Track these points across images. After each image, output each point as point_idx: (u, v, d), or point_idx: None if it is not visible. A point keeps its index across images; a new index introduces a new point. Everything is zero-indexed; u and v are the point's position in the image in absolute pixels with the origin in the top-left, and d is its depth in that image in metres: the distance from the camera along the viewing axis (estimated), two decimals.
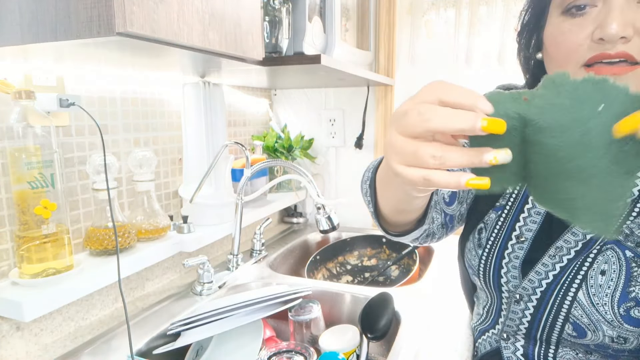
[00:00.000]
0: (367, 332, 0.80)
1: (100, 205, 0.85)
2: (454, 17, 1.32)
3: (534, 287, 0.60)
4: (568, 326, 0.57)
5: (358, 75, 1.08)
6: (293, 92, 1.55)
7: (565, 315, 0.57)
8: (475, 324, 0.74)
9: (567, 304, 0.57)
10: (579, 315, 0.56)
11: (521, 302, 0.62)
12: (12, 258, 0.74)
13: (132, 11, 0.51)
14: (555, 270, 0.59)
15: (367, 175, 0.63)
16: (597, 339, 0.55)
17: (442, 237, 0.73)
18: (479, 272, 0.67)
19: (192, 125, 1.04)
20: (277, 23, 0.86)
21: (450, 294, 0.95)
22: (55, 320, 0.79)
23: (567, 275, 0.58)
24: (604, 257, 0.55)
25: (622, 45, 0.46)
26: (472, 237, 0.69)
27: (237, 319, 0.75)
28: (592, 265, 0.56)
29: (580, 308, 0.55)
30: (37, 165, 0.68)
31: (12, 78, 0.72)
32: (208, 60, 0.77)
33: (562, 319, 0.57)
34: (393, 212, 0.58)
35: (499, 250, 0.64)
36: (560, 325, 0.58)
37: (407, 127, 0.34)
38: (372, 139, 1.47)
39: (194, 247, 0.98)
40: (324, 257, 1.28)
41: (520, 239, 0.63)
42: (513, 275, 0.62)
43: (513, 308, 0.63)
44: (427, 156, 0.33)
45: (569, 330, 0.57)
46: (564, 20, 0.50)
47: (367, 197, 0.63)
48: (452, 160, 0.33)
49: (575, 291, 0.56)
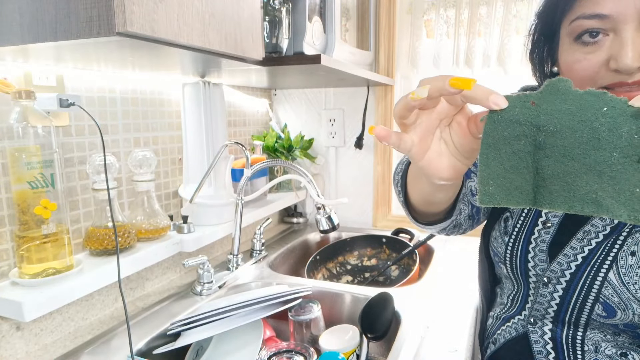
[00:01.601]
0: (367, 332, 0.80)
1: (100, 205, 0.85)
2: (454, 17, 1.32)
3: (563, 269, 0.62)
4: (598, 306, 0.58)
5: (358, 75, 1.08)
6: (293, 92, 1.55)
7: (595, 295, 0.58)
8: (499, 313, 0.74)
9: (597, 284, 0.58)
10: (609, 294, 0.57)
11: (549, 285, 0.63)
12: (12, 258, 0.74)
13: (132, 11, 0.51)
14: (584, 252, 0.60)
15: (400, 168, 0.67)
16: (626, 318, 0.57)
17: (467, 230, 0.76)
18: (505, 259, 0.68)
19: (192, 125, 1.04)
20: (277, 23, 0.86)
21: (451, 293, 0.95)
22: (55, 320, 0.79)
23: (597, 257, 0.59)
24: (634, 239, 0.57)
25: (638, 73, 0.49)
26: (498, 225, 0.71)
27: (237, 319, 0.75)
28: (622, 247, 0.58)
29: (611, 288, 0.57)
30: (37, 165, 0.68)
31: (12, 78, 0.72)
32: (208, 60, 0.77)
33: (592, 299, 0.59)
34: (422, 204, 0.62)
35: (525, 235, 0.66)
36: (590, 306, 0.59)
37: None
38: (372, 139, 1.47)
39: (194, 247, 0.98)
40: (324, 257, 1.28)
41: (547, 225, 0.65)
42: (540, 259, 0.64)
43: (541, 291, 0.64)
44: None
45: (599, 310, 0.58)
46: (577, 49, 0.53)
47: (398, 187, 0.67)
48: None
49: (605, 272, 0.58)
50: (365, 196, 1.52)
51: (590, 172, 0.35)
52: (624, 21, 0.48)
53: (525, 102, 0.36)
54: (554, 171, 0.36)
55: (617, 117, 0.34)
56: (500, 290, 0.75)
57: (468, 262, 1.03)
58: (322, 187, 1.56)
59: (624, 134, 0.34)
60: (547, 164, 0.36)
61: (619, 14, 0.48)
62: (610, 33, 0.50)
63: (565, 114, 0.35)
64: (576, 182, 0.35)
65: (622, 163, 0.34)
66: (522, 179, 0.37)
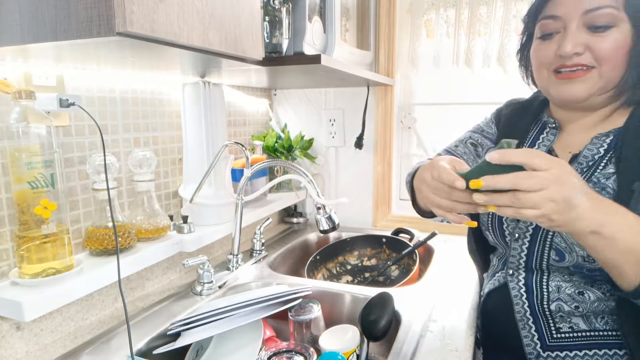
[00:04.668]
0: (367, 332, 0.80)
1: (100, 205, 0.85)
2: (454, 17, 1.32)
3: (527, 225, 0.77)
4: (552, 252, 0.74)
5: (358, 75, 1.08)
6: (293, 92, 1.55)
7: (550, 243, 0.74)
8: (489, 273, 0.89)
9: (550, 235, 0.74)
10: (558, 241, 0.73)
11: (519, 240, 0.78)
12: (12, 258, 0.74)
13: (132, 11, 0.51)
14: None
15: (408, 179, 0.87)
16: (573, 260, 0.72)
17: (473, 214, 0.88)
18: (488, 225, 0.85)
19: (192, 125, 1.04)
20: (277, 23, 0.86)
21: (451, 293, 0.95)
22: (55, 320, 0.79)
23: None
24: None
25: (577, 57, 0.69)
26: None
27: (237, 319, 0.75)
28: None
29: (560, 235, 0.73)
30: (37, 165, 0.68)
31: (12, 78, 0.72)
32: (208, 60, 0.77)
33: (548, 247, 0.74)
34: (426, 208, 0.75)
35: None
36: (547, 252, 0.75)
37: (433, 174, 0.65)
38: (372, 139, 1.47)
39: (194, 247, 0.98)
40: (324, 257, 1.28)
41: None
42: (511, 220, 0.81)
43: (513, 246, 0.79)
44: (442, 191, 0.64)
45: (553, 255, 0.74)
46: (539, 42, 0.75)
47: (408, 191, 0.87)
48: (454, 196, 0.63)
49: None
50: (365, 196, 1.52)
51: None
52: (570, 20, 0.69)
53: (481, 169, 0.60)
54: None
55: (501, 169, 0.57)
56: (493, 255, 0.91)
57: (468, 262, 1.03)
58: (322, 187, 1.56)
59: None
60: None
61: (567, 15, 0.69)
62: (561, 30, 0.71)
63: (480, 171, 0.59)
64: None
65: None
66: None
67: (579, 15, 0.68)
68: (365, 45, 1.33)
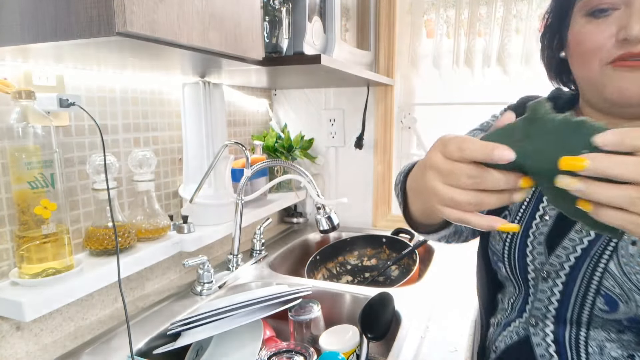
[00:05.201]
0: (367, 332, 0.80)
1: (100, 205, 0.85)
2: (454, 17, 1.32)
3: (562, 262, 0.60)
4: (599, 299, 0.56)
5: (358, 75, 1.08)
6: (293, 92, 1.55)
7: (596, 287, 0.56)
8: (499, 319, 0.72)
9: (598, 276, 0.56)
10: (610, 285, 0.55)
11: (549, 280, 0.61)
12: (12, 258, 0.74)
13: (132, 11, 0.51)
14: (584, 244, 0.59)
15: (399, 179, 0.66)
16: (629, 311, 0.55)
17: (469, 237, 0.75)
18: (503, 255, 0.66)
19: (192, 125, 1.04)
20: (277, 23, 0.86)
21: (451, 293, 0.95)
22: (55, 320, 0.79)
23: (596, 247, 0.58)
24: None
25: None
26: None
27: (237, 319, 0.75)
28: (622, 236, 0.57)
29: (612, 278, 0.55)
30: (37, 165, 0.68)
31: (12, 78, 0.72)
32: (208, 60, 0.77)
33: (593, 291, 0.56)
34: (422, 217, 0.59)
35: (523, 230, 0.64)
36: (591, 300, 0.57)
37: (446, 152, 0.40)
38: (372, 139, 1.47)
39: (194, 247, 0.98)
40: (324, 257, 1.28)
41: (544, 218, 0.63)
42: (539, 252, 0.62)
43: (541, 287, 0.62)
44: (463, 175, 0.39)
45: (600, 304, 0.56)
46: (588, 22, 0.54)
47: (399, 198, 0.66)
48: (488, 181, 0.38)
49: (606, 262, 0.56)
50: (365, 196, 1.52)
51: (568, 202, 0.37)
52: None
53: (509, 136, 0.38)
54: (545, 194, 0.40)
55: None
56: (502, 296, 0.73)
57: (468, 262, 1.02)
58: (322, 187, 1.56)
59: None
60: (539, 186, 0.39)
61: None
62: (621, 6, 0.52)
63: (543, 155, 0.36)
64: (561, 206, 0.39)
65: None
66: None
67: None
68: (365, 45, 1.33)
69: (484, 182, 0.38)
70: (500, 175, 0.37)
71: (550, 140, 0.35)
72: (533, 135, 0.36)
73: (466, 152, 0.38)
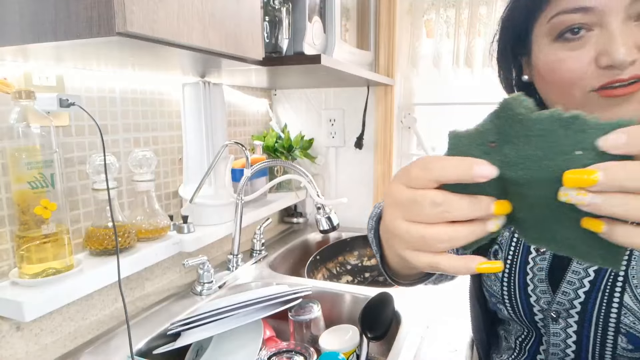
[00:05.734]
0: (367, 332, 0.80)
1: (100, 205, 0.85)
2: (454, 17, 1.32)
3: (571, 299, 0.54)
4: (621, 338, 0.50)
5: (358, 75, 1.08)
6: (293, 92, 1.55)
7: (615, 326, 0.50)
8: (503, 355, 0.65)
9: (614, 313, 0.50)
10: (630, 322, 0.50)
11: (560, 320, 0.55)
12: (12, 258, 0.74)
13: (132, 11, 0.51)
14: (590, 276, 0.53)
15: (371, 224, 0.58)
16: None
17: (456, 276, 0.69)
18: (503, 298, 0.59)
19: (192, 125, 1.04)
20: (277, 23, 0.86)
21: (451, 294, 0.95)
22: (55, 320, 0.79)
23: (605, 279, 0.52)
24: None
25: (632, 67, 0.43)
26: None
27: (237, 319, 0.75)
28: (629, 262, 0.50)
29: (631, 314, 0.49)
30: (37, 165, 0.68)
31: (12, 78, 0.72)
32: (208, 60, 0.77)
33: (613, 331, 0.51)
34: (399, 267, 0.49)
35: (520, 267, 0.58)
36: (612, 340, 0.51)
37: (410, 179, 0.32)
38: (372, 139, 1.47)
39: (194, 247, 0.98)
40: (324, 257, 1.28)
41: (541, 250, 0.57)
42: (542, 290, 0.56)
43: (553, 329, 0.55)
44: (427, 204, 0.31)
45: (623, 343, 0.50)
46: (559, 47, 0.47)
47: (374, 246, 0.57)
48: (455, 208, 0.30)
49: (620, 295, 0.51)
50: (365, 196, 1.52)
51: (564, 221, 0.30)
52: (610, 13, 0.43)
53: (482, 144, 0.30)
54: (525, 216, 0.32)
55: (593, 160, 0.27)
56: (506, 332, 0.66)
57: None
58: (322, 187, 1.56)
59: None
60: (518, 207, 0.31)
61: (604, 5, 0.43)
62: (595, 28, 0.45)
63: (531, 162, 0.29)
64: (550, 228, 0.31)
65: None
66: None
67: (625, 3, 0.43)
68: (365, 45, 1.33)
69: (452, 210, 0.30)
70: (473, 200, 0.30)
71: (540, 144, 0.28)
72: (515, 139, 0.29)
73: (434, 171, 0.30)
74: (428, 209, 0.31)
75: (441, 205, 0.30)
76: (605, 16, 0.44)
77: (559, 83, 0.48)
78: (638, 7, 0.43)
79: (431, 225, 0.31)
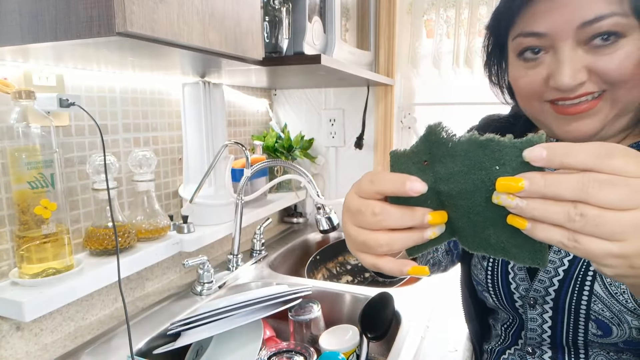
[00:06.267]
0: (367, 332, 0.80)
1: (100, 205, 0.85)
2: (454, 17, 1.32)
3: (546, 287, 0.58)
4: (591, 325, 0.55)
5: (358, 75, 1.08)
6: (293, 92, 1.55)
7: (585, 312, 0.55)
8: (494, 346, 0.71)
9: (585, 299, 0.55)
10: (599, 309, 0.54)
11: (537, 307, 0.60)
12: (12, 258, 0.74)
13: (132, 11, 0.51)
14: (564, 265, 0.57)
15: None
16: (623, 334, 0.53)
17: (449, 266, 0.74)
18: (487, 286, 0.64)
19: (192, 125, 1.04)
20: (277, 23, 0.86)
21: (451, 293, 0.95)
22: (55, 320, 0.79)
23: (578, 268, 0.56)
24: None
25: (581, 87, 0.48)
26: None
27: (237, 319, 0.75)
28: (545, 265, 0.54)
29: (600, 301, 0.53)
30: (37, 165, 0.68)
31: (12, 78, 0.72)
32: (208, 60, 0.77)
33: (584, 317, 0.55)
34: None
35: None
36: (583, 326, 0.56)
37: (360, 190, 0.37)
38: (372, 139, 1.47)
39: (194, 247, 0.98)
40: (324, 257, 1.28)
41: None
42: (521, 277, 0.61)
43: (531, 315, 0.61)
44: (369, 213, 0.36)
45: (593, 329, 0.55)
46: (520, 64, 0.53)
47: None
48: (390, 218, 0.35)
49: (590, 284, 0.54)
50: None
51: (494, 225, 0.35)
52: (560, 38, 0.48)
53: (418, 162, 0.35)
54: (462, 224, 0.36)
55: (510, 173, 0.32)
56: (495, 321, 0.71)
57: None
58: (322, 187, 1.56)
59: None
60: (455, 217, 0.36)
61: (555, 32, 0.48)
62: (550, 50, 0.50)
63: (460, 177, 0.33)
64: (484, 233, 0.36)
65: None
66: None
67: (573, 30, 0.47)
68: (365, 45, 1.33)
69: (387, 220, 0.35)
70: (404, 211, 0.35)
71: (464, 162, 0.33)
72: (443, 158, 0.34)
73: (376, 185, 0.35)
74: (369, 217, 0.36)
75: (379, 215, 0.35)
76: (556, 41, 0.48)
77: (520, 95, 0.55)
78: (586, 33, 0.47)
79: (372, 232, 0.36)
